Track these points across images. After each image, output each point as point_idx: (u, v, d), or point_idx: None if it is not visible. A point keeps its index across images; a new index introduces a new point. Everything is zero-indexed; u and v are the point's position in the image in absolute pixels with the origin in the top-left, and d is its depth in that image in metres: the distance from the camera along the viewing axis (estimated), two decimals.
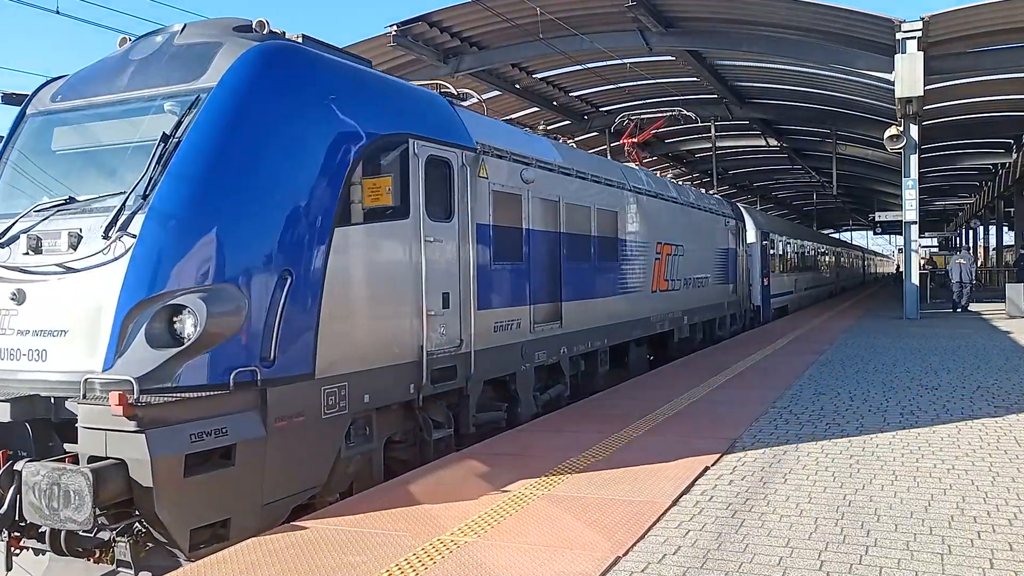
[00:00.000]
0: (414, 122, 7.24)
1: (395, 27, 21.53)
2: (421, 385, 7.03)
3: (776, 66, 25.61)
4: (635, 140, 18.50)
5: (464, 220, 7.78)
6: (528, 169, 9.14)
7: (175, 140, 5.61)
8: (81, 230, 5.45)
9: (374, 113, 6.83)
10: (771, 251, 24.23)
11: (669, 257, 14.32)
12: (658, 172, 18.56)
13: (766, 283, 22.84)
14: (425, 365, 7.04)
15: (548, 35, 21.16)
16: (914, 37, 19.54)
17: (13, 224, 5.76)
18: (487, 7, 19.55)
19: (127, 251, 5.27)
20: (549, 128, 30.92)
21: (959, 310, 24.88)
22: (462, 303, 7.70)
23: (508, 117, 28.22)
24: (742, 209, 22.51)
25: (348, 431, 6.34)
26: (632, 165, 15.13)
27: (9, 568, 5.66)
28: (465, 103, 8.92)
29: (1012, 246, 41.48)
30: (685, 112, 19.45)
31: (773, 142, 37.97)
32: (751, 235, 21.91)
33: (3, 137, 6.70)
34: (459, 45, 23.36)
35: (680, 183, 19.46)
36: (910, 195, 21.97)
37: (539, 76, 27.24)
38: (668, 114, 19.21)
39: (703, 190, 21.03)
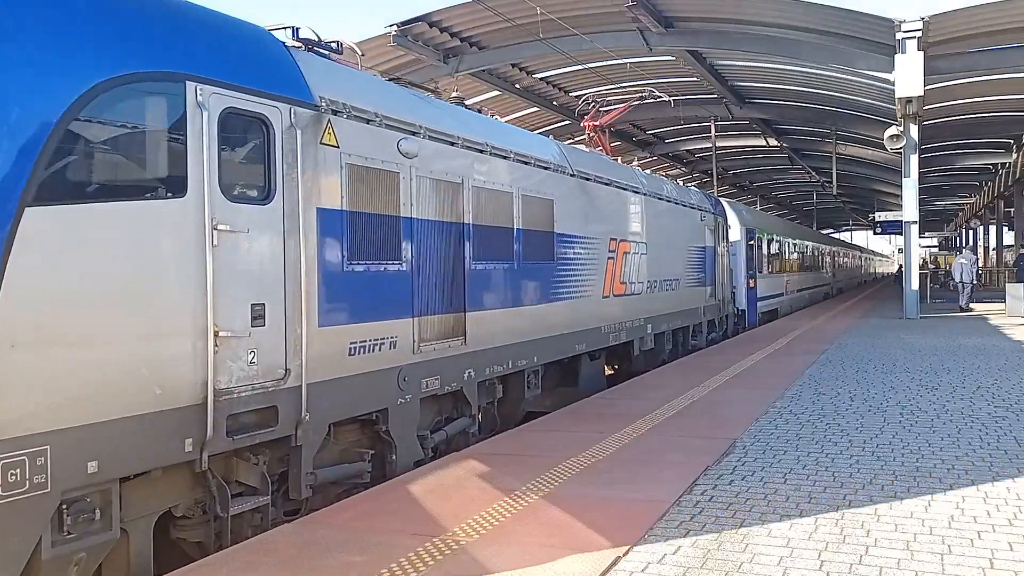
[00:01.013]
0: (202, 60, 5.22)
1: (395, 27, 21.53)
2: (205, 439, 5.00)
3: (776, 66, 25.61)
4: (597, 123, 16.77)
5: (293, 203, 5.71)
6: (410, 139, 7.09)
7: None
8: None
9: (107, 39, 4.77)
10: (758, 250, 22.86)
11: (628, 256, 12.47)
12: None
13: (752, 285, 21.48)
14: (211, 409, 4.99)
15: (548, 35, 21.15)
16: (914, 37, 19.55)
17: None
18: (487, 7, 19.53)
19: None
20: (549, 128, 31.04)
21: (961, 310, 24.90)
22: (289, 318, 5.64)
23: (508, 117, 28.24)
24: (725, 204, 21.28)
25: (60, 517, 4.34)
26: (583, 148, 13.68)
27: None
28: (339, 55, 7.05)
29: (1012, 246, 41.47)
30: (656, 93, 18.02)
31: (773, 142, 37.97)
32: (735, 232, 20.68)
33: None
34: (459, 45, 23.36)
35: (655, 174, 17.90)
36: (910, 195, 21.99)
37: (539, 76, 27.24)
38: (637, 95, 17.77)
39: (679, 181, 19.86)
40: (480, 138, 8.44)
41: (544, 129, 30.40)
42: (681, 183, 21.19)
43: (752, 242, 21.94)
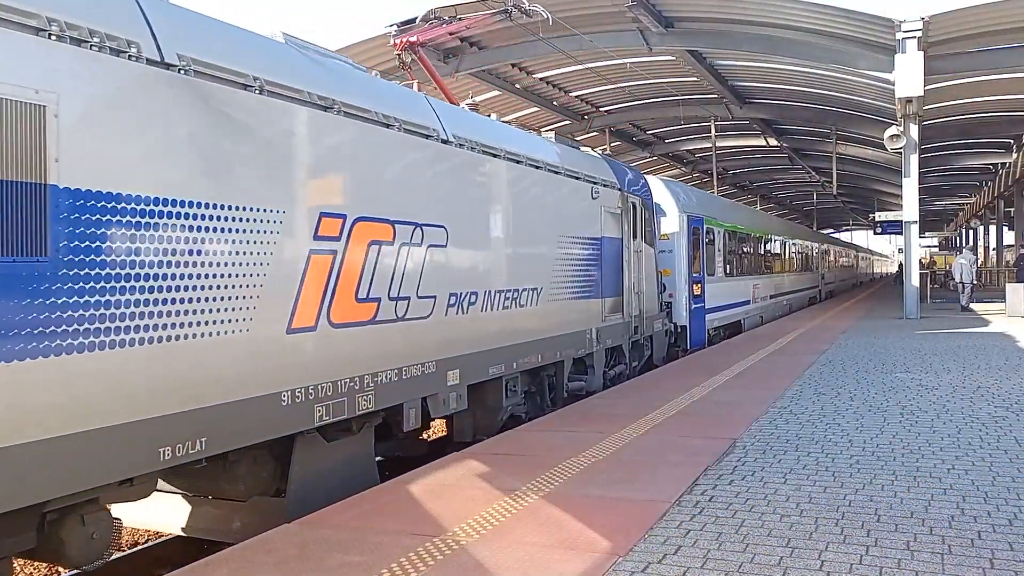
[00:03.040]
0: None
1: (395, 27, 21.51)
2: None
3: (776, 66, 25.62)
4: (413, 40, 11.90)
5: None
6: None
7: None
8: None
9: None
10: (710, 247, 18.09)
11: (388, 249, 7.04)
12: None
13: (698, 292, 16.78)
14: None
15: (548, 35, 21.15)
16: (914, 37, 19.56)
17: None
18: (487, 7, 19.51)
19: None
20: (549, 128, 31.04)
21: (962, 309, 24.92)
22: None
23: (508, 117, 28.23)
24: (656, 183, 16.19)
25: None
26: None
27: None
28: None
29: (1012, 246, 41.47)
30: (524, 6, 12.67)
31: (773, 142, 37.98)
32: (671, 222, 16.16)
33: None
34: (459, 45, 23.36)
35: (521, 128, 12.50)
36: (910, 195, 21.99)
37: (539, 76, 27.24)
38: (496, 10, 12.95)
39: (573, 144, 13.06)
40: None
41: (544, 129, 30.41)
42: (571, 139, 16.43)
43: (700, 236, 17.30)
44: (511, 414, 9.46)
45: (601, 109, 32.21)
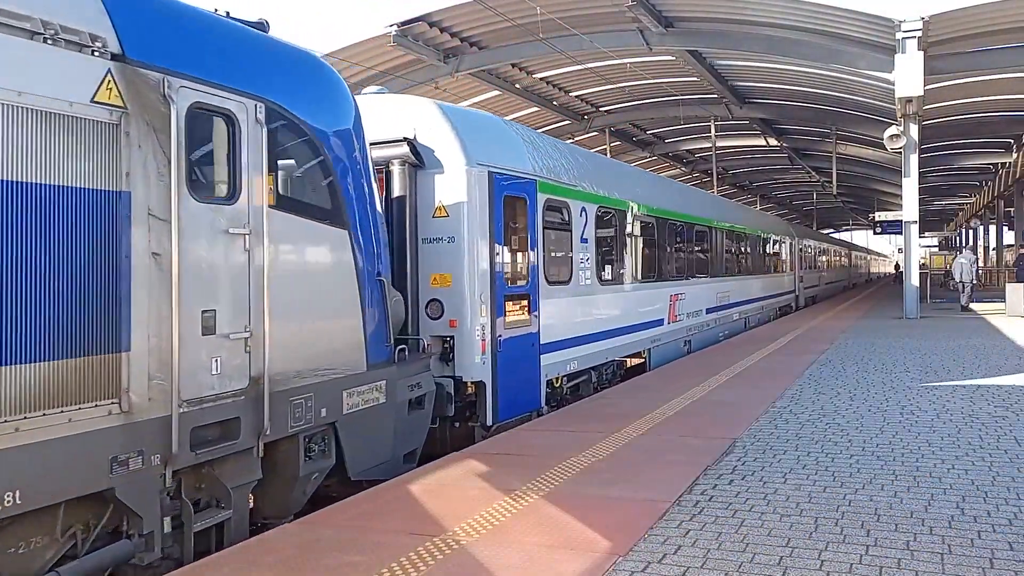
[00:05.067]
0: None
1: (395, 27, 21.54)
2: None
3: (776, 66, 25.64)
4: None
5: None
6: None
7: None
8: None
9: None
10: (559, 232, 10.53)
11: None
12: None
13: (520, 317, 9.34)
14: None
15: (548, 35, 21.17)
16: (914, 37, 19.58)
17: None
18: (487, 7, 19.54)
19: None
20: (549, 128, 31.06)
21: (962, 309, 24.93)
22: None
23: (508, 117, 28.24)
24: (422, 103, 9.11)
25: None
26: None
27: None
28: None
29: (1012, 246, 41.50)
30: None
31: (773, 142, 38.02)
32: (451, 183, 8.63)
33: None
34: (459, 45, 23.38)
35: None
36: (910, 195, 22.00)
37: (539, 76, 27.27)
38: None
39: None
40: None
41: (544, 129, 30.44)
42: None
43: (528, 212, 9.62)
44: None
45: (601, 109, 32.23)
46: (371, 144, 7.40)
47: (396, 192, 8.39)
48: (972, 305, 25.61)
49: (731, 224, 20.07)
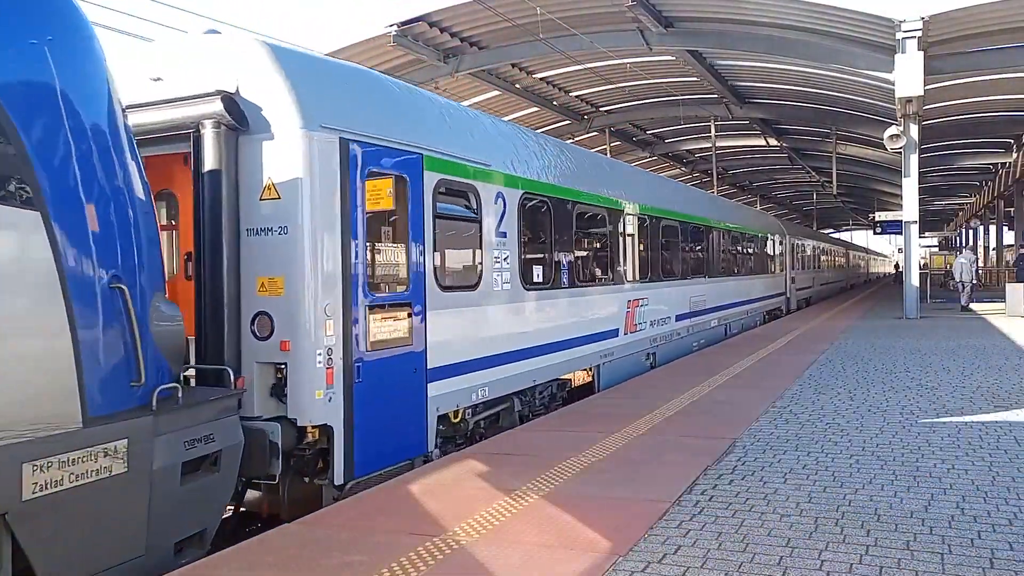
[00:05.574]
0: None
1: (395, 27, 21.54)
2: None
3: (776, 66, 25.63)
4: None
5: None
6: None
7: None
8: None
9: None
10: (467, 223, 8.52)
11: None
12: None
13: (392, 337, 6.95)
14: None
15: (548, 35, 21.16)
16: (914, 37, 19.58)
17: None
18: (487, 7, 19.54)
19: None
20: (549, 128, 31.08)
21: (962, 309, 24.93)
22: None
23: (508, 117, 28.26)
24: (244, 41, 6.61)
25: None
26: None
27: None
28: None
29: (1012, 246, 41.50)
30: None
31: (773, 142, 38.01)
32: (283, 152, 6.20)
33: None
34: (459, 45, 23.37)
35: None
36: (910, 195, 22.00)
37: (539, 76, 27.26)
38: None
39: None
40: None
41: (544, 129, 30.45)
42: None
43: (407, 196, 7.24)
44: None
45: (601, 109, 32.23)
46: (174, 100, 5.97)
47: (208, 164, 6.10)
48: (972, 305, 25.61)
49: (709, 219, 17.73)
